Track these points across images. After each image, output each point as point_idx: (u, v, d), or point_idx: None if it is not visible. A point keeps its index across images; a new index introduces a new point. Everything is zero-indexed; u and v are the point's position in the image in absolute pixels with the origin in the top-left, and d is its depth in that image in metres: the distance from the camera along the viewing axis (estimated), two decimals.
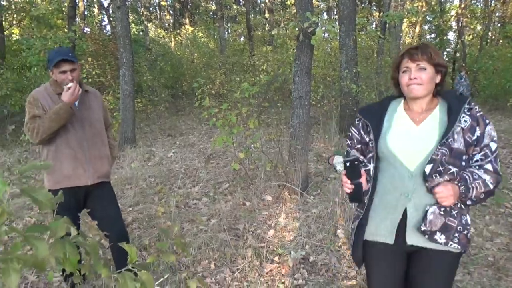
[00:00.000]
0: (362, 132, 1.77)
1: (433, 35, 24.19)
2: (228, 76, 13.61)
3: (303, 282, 3.00)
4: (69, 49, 3.16)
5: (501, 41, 20.03)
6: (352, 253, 1.83)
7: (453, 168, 1.56)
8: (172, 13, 26.54)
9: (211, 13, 25.34)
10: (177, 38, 20.39)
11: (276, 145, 5.77)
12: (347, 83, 7.85)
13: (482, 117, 1.59)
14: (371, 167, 1.72)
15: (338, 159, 1.64)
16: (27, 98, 2.54)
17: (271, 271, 3.17)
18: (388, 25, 11.92)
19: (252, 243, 3.54)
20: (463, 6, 18.86)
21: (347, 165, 1.59)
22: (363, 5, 23.24)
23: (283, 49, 14.74)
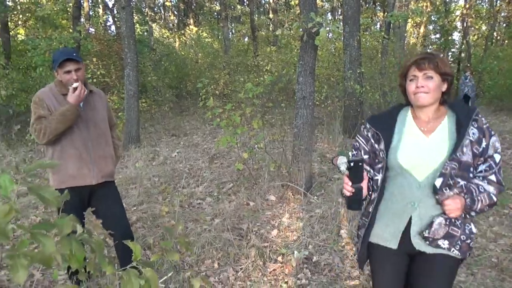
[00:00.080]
0: (372, 141, 1.76)
1: (438, 35, 24.13)
2: (232, 76, 13.63)
3: (306, 281, 3.01)
4: (74, 49, 3.18)
5: (506, 41, 19.96)
6: (358, 258, 1.87)
7: (461, 181, 1.60)
8: (176, 13, 26.61)
9: (215, 14, 25.37)
10: (181, 38, 20.44)
11: (280, 146, 5.78)
12: (351, 83, 7.85)
13: (488, 129, 1.62)
14: (379, 177, 1.72)
15: (342, 160, 1.64)
16: (32, 98, 2.57)
17: (274, 270, 3.18)
18: (392, 25, 11.90)
19: (255, 243, 3.55)
20: (468, 6, 18.80)
21: (351, 165, 1.57)
22: (367, 6, 23.20)
23: (287, 49, 14.73)
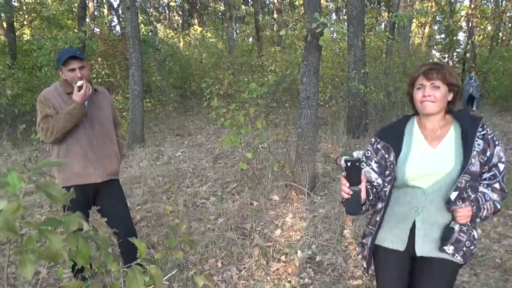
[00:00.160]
0: (383, 151, 1.79)
1: (443, 36, 24.07)
2: (236, 76, 13.64)
3: (309, 281, 3.02)
4: (77, 48, 3.21)
5: (511, 42, 19.86)
6: (366, 265, 1.91)
7: (472, 194, 1.63)
8: (181, 13, 26.68)
9: (220, 14, 25.43)
10: (186, 38, 20.47)
11: (283, 146, 5.78)
12: (355, 83, 7.85)
13: (492, 139, 1.67)
14: (387, 188, 1.76)
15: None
16: (37, 97, 2.59)
17: (277, 270, 3.19)
18: (397, 26, 11.88)
19: (259, 242, 3.57)
20: (473, 6, 18.73)
21: (348, 165, 1.54)
22: (372, 6, 23.16)
23: (291, 49, 14.74)
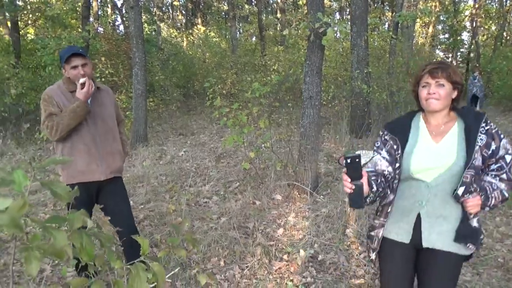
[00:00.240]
0: (391, 142, 1.85)
1: (447, 35, 23.99)
2: (239, 76, 13.65)
3: (312, 280, 3.03)
4: (80, 46, 3.22)
5: None
6: (375, 257, 1.96)
7: (478, 186, 1.70)
8: (184, 13, 26.72)
9: (223, 13, 25.44)
10: (189, 38, 20.50)
11: (286, 145, 5.79)
12: (358, 83, 7.84)
13: (497, 133, 1.72)
14: (397, 180, 1.82)
15: None
16: (41, 96, 2.61)
17: (280, 269, 3.20)
18: (400, 25, 11.83)
19: (261, 241, 3.58)
20: (477, 6, 18.65)
21: (347, 161, 1.53)
22: (375, 5, 23.12)
23: (294, 49, 14.73)
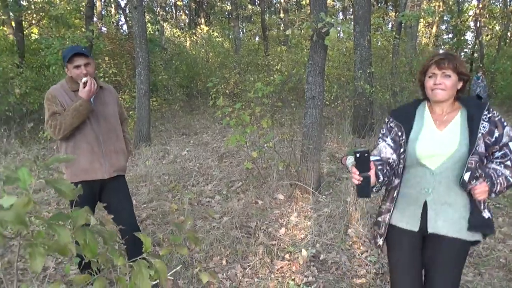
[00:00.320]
0: (396, 129, 1.91)
1: (450, 35, 23.92)
2: (242, 75, 13.65)
3: (313, 279, 3.04)
4: (82, 46, 3.25)
5: None
6: (382, 243, 2.00)
7: (483, 172, 1.75)
8: (187, 13, 26.76)
9: (226, 13, 25.47)
10: (192, 37, 20.51)
11: (289, 145, 5.80)
12: (361, 83, 7.85)
13: (500, 120, 1.77)
14: (402, 165, 1.88)
15: (350, 159, 1.69)
16: (45, 95, 2.63)
17: (281, 268, 3.21)
18: (404, 25, 11.82)
19: (263, 241, 3.59)
20: (481, 5, 18.58)
21: (357, 156, 1.68)
22: (379, 5, 23.08)
23: (297, 49, 14.73)
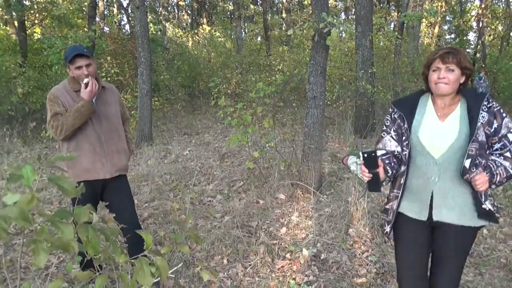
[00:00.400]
0: (398, 121, 1.99)
1: (453, 36, 23.86)
2: (244, 75, 13.67)
3: (314, 278, 3.05)
4: (84, 46, 3.26)
5: None
6: (389, 230, 2.07)
7: (482, 160, 1.82)
8: (190, 13, 26.79)
9: (229, 13, 25.47)
10: (194, 37, 20.55)
11: (290, 145, 5.81)
12: (363, 83, 7.85)
13: (499, 111, 1.83)
14: (407, 152, 1.95)
15: (352, 159, 1.72)
16: (47, 95, 2.65)
17: (282, 267, 3.23)
18: (406, 25, 11.81)
19: (264, 240, 3.60)
20: (483, 6, 18.54)
21: (365, 156, 1.83)
22: (381, 5, 23.05)
23: (299, 49, 14.74)
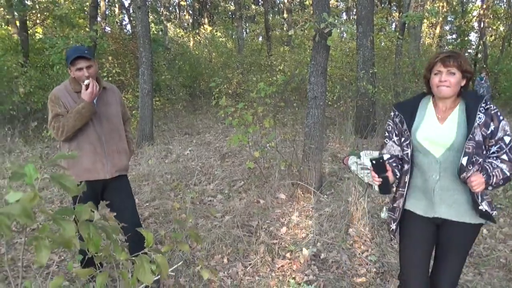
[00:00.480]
0: (399, 123, 2.06)
1: (454, 36, 23.84)
2: (245, 75, 13.68)
3: (314, 278, 3.06)
4: (86, 47, 3.27)
5: None
6: (394, 228, 2.12)
7: (479, 158, 1.86)
8: (191, 13, 26.83)
9: (230, 13, 25.49)
10: (195, 37, 20.56)
11: (291, 145, 5.82)
12: (364, 83, 7.85)
13: (496, 114, 1.87)
14: (408, 151, 2.01)
15: (352, 160, 1.75)
16: (48, 96, 2.67)
17: (282, 266, 3.24)
18: (407, 26, 11.80)
19: (264, 240, 3.62)
20: (485, 6, 18.53)
21: (373, 162, 1.94)
22: (382, 6, 23.04)
23: (300, 49, 14.74)
